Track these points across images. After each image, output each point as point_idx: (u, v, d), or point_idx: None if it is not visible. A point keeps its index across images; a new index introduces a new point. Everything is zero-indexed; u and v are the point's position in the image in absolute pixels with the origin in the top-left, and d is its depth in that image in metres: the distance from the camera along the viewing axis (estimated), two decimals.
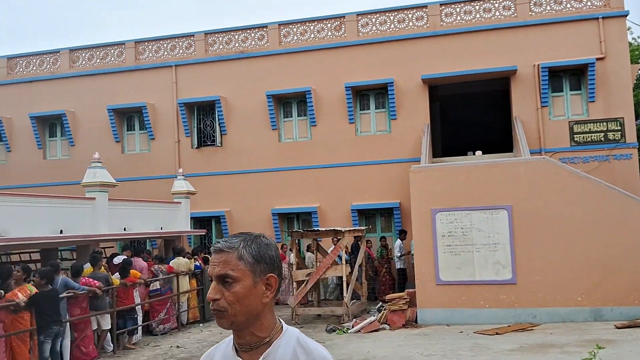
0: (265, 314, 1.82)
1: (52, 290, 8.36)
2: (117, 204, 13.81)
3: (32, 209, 11.27)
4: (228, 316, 1.76)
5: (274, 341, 1.82)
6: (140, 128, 19.23)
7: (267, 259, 1.83)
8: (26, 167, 19.50)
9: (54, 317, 8.14)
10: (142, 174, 18.44)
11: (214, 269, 1.80)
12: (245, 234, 1.88)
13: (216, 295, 1.77)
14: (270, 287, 1.82)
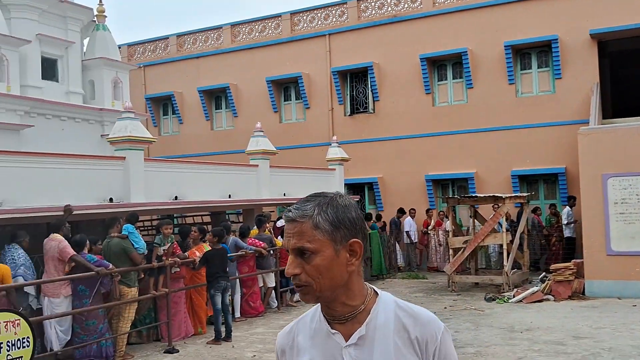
0: (353, 282, 1.62)
1: (222, 248, 9.02)
2: (277, 170, 14.49)
3: (204, 176, 12.22)
4: (312, 291, 1.58)
5: (370, 308, 1.64)
6: (296, 98, 19.88)
7: (347, 223, 1.60)
8: (196, 137, 21.10)
9: (222, 273, 8.78)
10: (298, 142, 19.11)
11: (289, 241, 1.59)
12: (319, 196, 1.65)
13: (295, 270, 1.57)
14: (355, 253, 1.61)
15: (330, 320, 1.64)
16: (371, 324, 1.61)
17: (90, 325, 7.67)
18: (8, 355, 4.64)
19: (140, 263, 8.26)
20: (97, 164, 9.97)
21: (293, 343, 1.70)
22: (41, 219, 8.78)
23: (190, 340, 8.89)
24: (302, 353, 1.66)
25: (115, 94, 15.77)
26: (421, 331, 1.63)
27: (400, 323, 1.62)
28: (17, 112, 13.05)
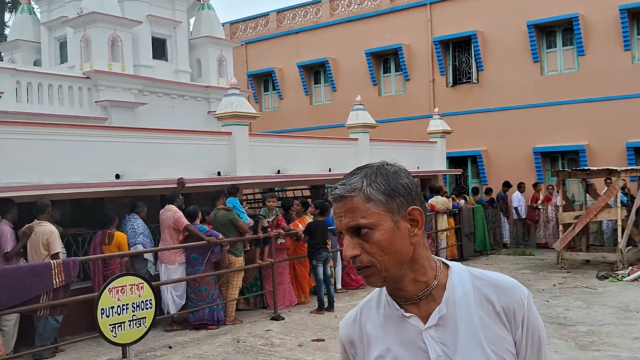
0: (420, 255, 1.45)
1: (324, 221, 9.16)
2: (377, 144, 14.43)
3: (305, 150, 12.42)
4: (378, 272, 1.41)
5: (444, 282, 1.47)
6: (395, 70, 19.60)
7: (402, 190, 1.44)
8: (295, 112, 21.42)
9: (323, 245, 8.94)
10: (398, 115, 18.89)
11: (340, 220, 1.43)
12: (364, 167, 1.50)
13: (355, 251, 1.41)
14: (416, 222, 1.44)
15: (400, 303, 1.47)
16: (449, 300, 1.45)
17: (203, 291, 8.10)
18: (133, 315, 5.00)
19: (247, 232, 8.59)
20: (206, 139, 10.40)
21: (361, 333, 1.54)
22: (156, 191, 9.32)
23: (294, 309, 9.16)
24: (374, 343, 1.50)
25: (220, 71, 16.31)
26: (506, 300, 1.45)
27: (481, 294, 1.46)
28: (132, 90, 13.84)
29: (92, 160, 8.45)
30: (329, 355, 6.56)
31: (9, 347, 6.93)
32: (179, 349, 7.12)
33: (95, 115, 12.96)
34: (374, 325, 1.51)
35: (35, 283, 5.90)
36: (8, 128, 7.71)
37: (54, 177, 7.90)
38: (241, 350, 6.92)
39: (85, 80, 13.10)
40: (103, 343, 7.44)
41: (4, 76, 11.49)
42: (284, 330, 7.79)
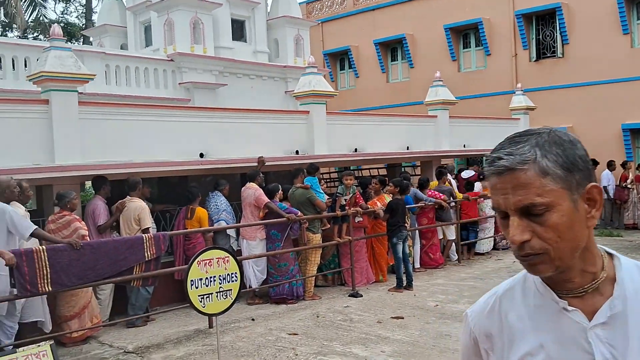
0: (592, 241, 1.25)
1: (403, 199, 9.11)
2: (457, 121, 14.12)
3: (382, 128, 12.34)
4: (550, 261, 1.20)
5: (613, 275, 1.26)
6: (475, 45, 19.02)
7: (581, 163, 1.21)
8: (372, 90, 21.26)
9: (402, 223, 8.90)
10: (478, 92, 18.36)
11: (506, 199, 1.20)
12: (531, 134, 1.24)
13: (525, 236, 1.19)
14: (595, 202, 1.22)
15: (560, 294, 1.27)
16: (621, 296, 1.24)
17: (282, 266, 8.29)
18: (220, 287, 5.19)
19: (324, 210, 8.68)
20: (285, 119, 10.54)
21: (502, 325, 1.34)
22: (237, 169, 9.57)
23: (372, 286, 9.20)
24: (521, 338, 1.30)
25: (297, 51, 16.41)
26: None
27: None
28: (213, 72, 14.19)
29: (178, 140, 8.78)
30: (409, 332, 6.57)
31: (105, 315, 7.40)
32: (261, 321, 7.35)
33: (178, 96, 13.41)
34: (520, 317, 1.31)
35: (129, 255, 6.24)
36: (102, 109, 8.13)
37: (143, 156, 8.27)
38: (321, 324, 7.05)
39: (169, 62, 13.55)
40: (191, 313, 7.82)
41: (94, 60, 12.07)
42: (363, 307, 7.86)
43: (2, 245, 5.58)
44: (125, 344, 6.64)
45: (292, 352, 6.01)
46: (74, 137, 7.54)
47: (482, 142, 14.75)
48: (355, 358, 5.74)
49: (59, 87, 7.46)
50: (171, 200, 9.91)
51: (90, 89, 11.50)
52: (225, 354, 5.97)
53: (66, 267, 5.70)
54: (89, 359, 6.20)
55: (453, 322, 6.94)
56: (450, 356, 5.73)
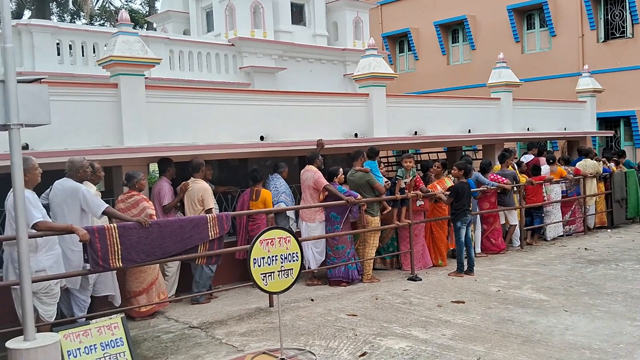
0: None
1: (467, 182, 8.96)
2: (520, 103, 13.74)
3: (442, 110, 12.14)
4: None
5: None
6: (540, 25, 18.39)
7: None
8: (431, 73, 20.93)
9: (467, 207, 8.76)
10: (542, 74, 17.80)
11: None
12: None
13: None
14: None
15: None
16: None
17: (340, 249, 8.33)
18: (282, 266, 5.28)
19: (383, 193, 8.64)
20: (344, 101, 10.53)
21: None
22: (296, 152, 9.65)
23: (431, 271, 9.13)
24: None
25: (356, 33, 16.32)
26: None
27: None
28: (272, 56, 14.31)
29: (239, 123, 8.92)
30: (470, 316, 6.49)
31: (171, 292, 7.66)
32: (320, 302, 7.43)
33: (239, 81, 13.61)
34: None
35: (194, 234, 6.41)
36: (168, 93, 8.35)
37: (206, 139, 8.45)
38: (380, 307, 7.06)
39: (230, 47, 13.74)
40: (251, 292, 8.00)
41: (159, 45, 12.37)
42: (422, 291, 7.81)
43: (76, 223, 5.84)
44: (190, 319, 6.86)
45: (351, 332, 6.05)
46: (141, 119, 7.79)
47: (546, 126, 14.31)
48: (415, 340, 5.73)
49: (127, 71, 7.70)
50: (232, 183, 10.11)
51: (155, 74, 11.82)
52: (286, 332, 6.08)
53: (135, 244, 5.92)
54: (157, 332, 6.44)
55: (516, 307, 6.81)
56: (513, 341, 5.63)
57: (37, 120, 4.71)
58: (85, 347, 4.96)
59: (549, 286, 7.80)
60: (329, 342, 5.78)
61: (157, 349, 5.87)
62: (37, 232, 5.31)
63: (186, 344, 5.97)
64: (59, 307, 5.96)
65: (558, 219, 11.54)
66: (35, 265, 5.29)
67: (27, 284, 4.67)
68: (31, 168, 5.44)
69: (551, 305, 6.87)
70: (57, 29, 11.63)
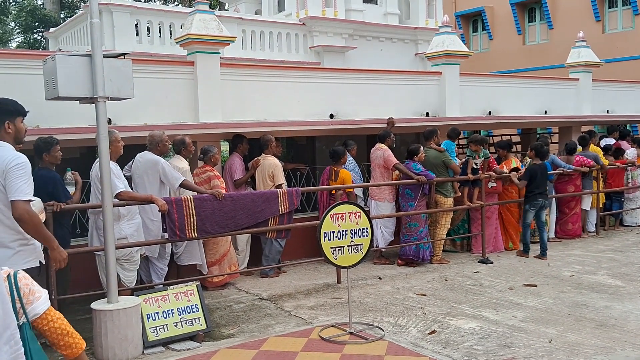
0: None
1: (542, 164, 8.67)
2: (601, 84, 13.13)
3: (518, 90, 11.77)
4: None
5: None
6: (623, 4, 17.43)
7: None
8: (506, 53, 20.28)
9: (541, 190, 8.49)
10: (624, 54, 16.89)
11: None
12: None
13: None
14: None
15: None
16: None
17: (412, 226, 8.25)
18: (352, 241, 5.32)
19: (458, 174, 8.49)
20: (415, 79, 10.38)
21: None
22: (366, 130, 9.63)
23: (502, 254, 8.93)
24: None
25: (429, 12, 16.01)
26: None
27: None
28: (343, 35, 14.27)
29: (309, 101, 8.98)
30: (542, 300, 6.33)
31: (243, 264, 7.88)
32: (388, 280, 7.43)
33: (309, 60, 13.65)
34: None
35: (265, 208, 6.55)
36: (241, 71, 8.52)
37: (277, 116, 8.57)
38: (449, 287, 7.00)
39: (301, 27, 13.80)
40: (319, 268, 8.10)
41: (232, 25, 12.57)
42: (493, 274, 7.67)
43: (156, 194, 6.09)
44: (260, 291, 7.03)
45: (420, 310, 6.04)
46: (215, 96, 7.97)
47: (628, 108, 13.61)
48: (486, 321, 5.65)
49: (203, 49, 7.89)
50: (300, 160, 10.21)
51: (228, 54, 12.03)
52: (354, 308, 6.13)
53: (210, 216, 6.12)
54: (229, 302, 6.65)
55: (590, 292, 6.59)
56: (587, 324, 5.45)
57: (121, 94, 4.93)
58: (164, 311, 5.20)
59: (625, 272, 7.49)
60: (397, 319, 5.79)
61: (229, 317, 6.06)
62: (119, 202, 5.57)
63: (257, 314, 6.13)
64: (139, 274, 6.26)
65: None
66: (118, 233, 5.56)
67: (112, 250, 4.93)
68: (114, 140, 5.70)
69: (627, 291, 6.60)
70: (135, 9, 12.03)
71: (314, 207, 9.25)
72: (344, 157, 8.46)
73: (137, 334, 4.94)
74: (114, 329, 4.76)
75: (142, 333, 5.00)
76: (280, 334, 5.39)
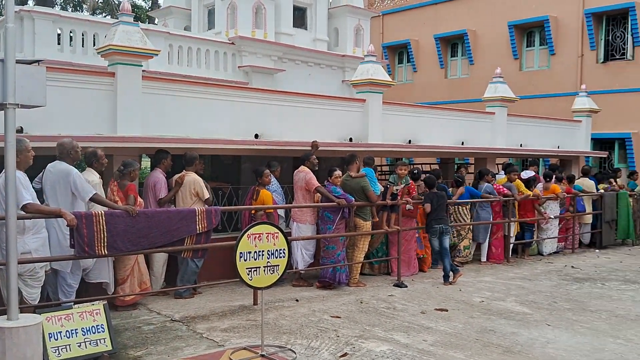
0: None
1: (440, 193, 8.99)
2: (515, 119, 13.83)
3: (437, 121, 12.20)
4: None
5: None
6: (540, 44, 18.52)
7: None
8: (429, 86, 21.01)
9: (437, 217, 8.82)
10: (540, 92, 17.89)
11: None
12: None
13: None
14: None
15: None
16: None
17: (330, 249, 8.31)
18: (268, 262, 5.28)
19: (375, 201, 8.63)
20: (340, 105, 10.56)
21: None
22: (290, 152, 9.66)
23: (417, 278, 9.14)
24: None
25: (357, 41, 16.40)
26: None
27: None
28: (272, 57, 14.34)
29: (234, 120, 8.94)
30: (452, 324, 6.50)
31: (158, 284, 7.64)
32: (305, 302, 7.42)
33: (237, 79, 13.62)
34: None
35: (181, 226, 6.39)
36: (164, 85, 8.38)
37: (201, 133, 8.46)
38: (364, 310, 7.07)
39: (230, 45, 13.78)
40: (236, 290, 7.98)
41: (158, 39, 12.38)
42: (407, 297, 7.82)
43: (67, 206, 5.83)
44: (172, 312, 6.83)
45: (334, 333, 6.05)
46: (136, 109, 7.79)
47: (540, 143, 14.39)
48: (397, 344, 5.74)
49: (125, 60, 7.71)
50: (224, 179, 10.11)
51: (153, 67, 11.84)
52: (269, 330, 6.07)
53: (122, 233, 5.91)
54: (139, 322, 6.41)
55: (498, 318, 6.83)
56: (494, 350, 5.64)
57: (33, 101, 4.71)
58: (67, 330, 4.95)
59: (532, 300, 7.83)
60: (310, 341, 5.77)
61: (137, 338, 5.84)
62: (25, 214, 5.29)
63: (167, 336, 5.95)
64: (46, 290, 5.94)
65: (554, 234, 11.62)
66: (22, 247, 5.27)
67: (14, 265, 4.65)
68: (24, 150, 5.43)
69: (534, 318, 6.90)
70: (59, 17, 11.63)
71: (235, 228, 9.14)
72: (267, 177, 8.44)
73: (38, 354, 4.65)
74: (13, 347, 4.47)
75: (42, 353, 4.72)
76: (190, 357, 5.25)
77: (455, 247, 10.19)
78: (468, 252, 10.45)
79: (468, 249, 10.45)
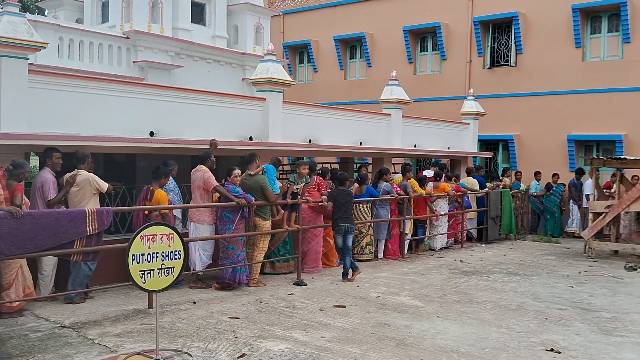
0: None
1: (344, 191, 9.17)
2: (409, 121, 14.37)
3: (337, 121, 12.43)
4: None
5: None
6: (432, 49, 19.36)
7: None
8: (329, 86, 21.34)
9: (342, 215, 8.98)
10: (432, 95, 18.71)
11: None
12: None
13: None
14: None
15: None
16: None
17: (230, 250, 8.22)
18: (162, 264, 5.13)
19: (273, 201, 8.62)
20: (240, 103, 10.47)
21: None
22: (188, 151, 9.46)
23: (317, 276, 9.27)
24: None
25: (257, 39, 16.34)
26: None
27: None
28: (169, 53, 13.98)
29: (128, 117, 8.62)
30: (349, 320, 6.66)
31: (48, 289, 7.22)
32: (202, 304, 7.30)
33: (132, 75, 13.14)
34: None
35: (70, 228, 6.09)
36: (53, 79, 7.91)
37: (92, 130, 8.08)
38: (263, 310, 7.07)
39: (125, 40, 13.27)
40: (130, 293, 7.71)
41: (48, 31, 11.70)
42: (306, 295, 7.92)
43: None
44: (62, 319, 6.48)
45: (232, 334, 6.01)
46: (22, 105, 7.31)
47: (432, 144, 15.06)
48: (296, 342, 5.79)
49: (10, 53, 7.20)
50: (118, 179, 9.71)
51: (42, 61, 11.17)
52: (164, 334, 5.92)
53: (5, 236, 5.53)
54: (24, 330, 6.03)
55: (393, 312, 7.08)
56: (388, 343, 5.84)
57: None
58: None
59: (425, 294, 8.18)
60: (207, 344, 5.69)
61: (23, 347, 5.49)
62: None
63: (55, 343, 5.64)
64: None
65: (444, 231, 12.29)
66: None
67: None
68: None
69: (426, 311, 7.21)
70: None
71: (129, 229, 8.81)
72: (165, 178, 8.20)
73: None
74: None
75: None
76: None
77: (358, 244, 10.47)
78: (371, 247, 10.73)
79: (371, 245, 10.73)
